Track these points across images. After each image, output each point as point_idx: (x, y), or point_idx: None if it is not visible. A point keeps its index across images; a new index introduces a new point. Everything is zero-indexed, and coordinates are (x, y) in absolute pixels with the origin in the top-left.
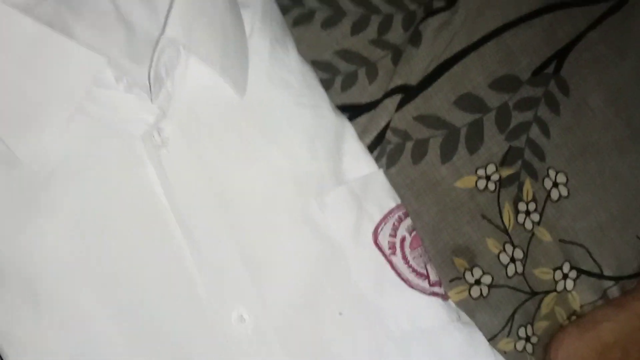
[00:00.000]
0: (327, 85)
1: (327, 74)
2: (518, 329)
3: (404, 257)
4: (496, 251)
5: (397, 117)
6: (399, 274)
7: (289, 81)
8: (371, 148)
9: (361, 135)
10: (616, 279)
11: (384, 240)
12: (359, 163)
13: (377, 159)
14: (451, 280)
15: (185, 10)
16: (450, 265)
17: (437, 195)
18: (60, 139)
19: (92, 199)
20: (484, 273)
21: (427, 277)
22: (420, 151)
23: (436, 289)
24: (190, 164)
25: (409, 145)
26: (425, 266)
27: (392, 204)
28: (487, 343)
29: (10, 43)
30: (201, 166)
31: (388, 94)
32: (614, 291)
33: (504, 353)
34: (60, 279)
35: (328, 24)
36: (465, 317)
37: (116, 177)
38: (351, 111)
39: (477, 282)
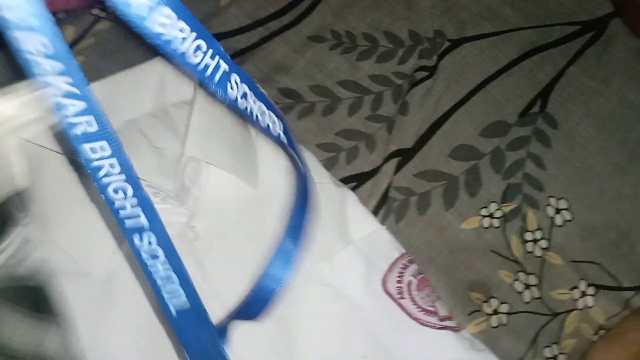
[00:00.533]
0: (333, 162)
1: (332, 153)
2: (543, 349)
3: (412, 299)
4: (509, 281)
5: (398, 177)
6: (409, 315)
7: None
8: (378, 207)
9: (368, 198)
10: (636, 288)
11: (392, 287)
12: (363, 224)
13: (386, 216)
14: (469, 314)
15: (199, 132)
16: (467, 300)
17: (446, 239)
18: (116, 250)
19: (143, 294)
20: (501, 303)
21: (436, 313)
22: (424, 203)
23: (446, 323)
24: (220, 250)
25: (413, 199)
26: (434, 304)
27: (396, 254)
28: None
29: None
30: (229, 250)
31: (386, 159)
32: (637, 300)
33: None
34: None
35: (327, 111)
36: (478, 344)
37: None
38: (358, 180)
39: (495, 312)
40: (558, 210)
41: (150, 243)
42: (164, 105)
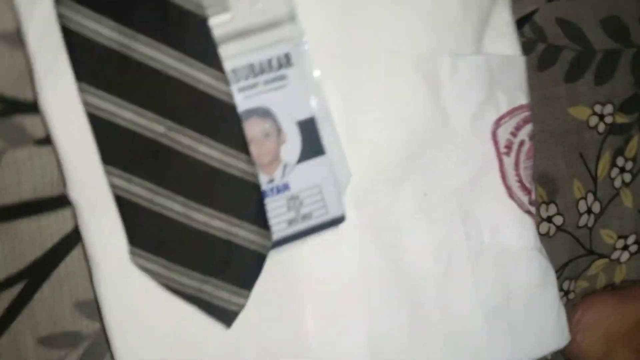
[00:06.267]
0: None
1: None
2: (564, 280)
3: (517, 163)
4: (578, 196)
5: (540, 9)
6: (503, 177)
7: None
8: None
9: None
10: None
11: (504, 135)
12: (503, 40)
13: None
14: None
15: None
16: None
17: (547, 113)
18: None
19: None
20: (557, 213)
21: (530, 193)
22: (549, 58)
23: (532, 209)
24: None
25: (541, 47)
26: (532, 182)
27: (523, 100)
28: (556, 285)
29: None
30: None
31: None
32: None
33: None
34: None
35: None
36: (544, 250)
37: None
38: None
39: (549, 219)
40: None
41: None
42: None
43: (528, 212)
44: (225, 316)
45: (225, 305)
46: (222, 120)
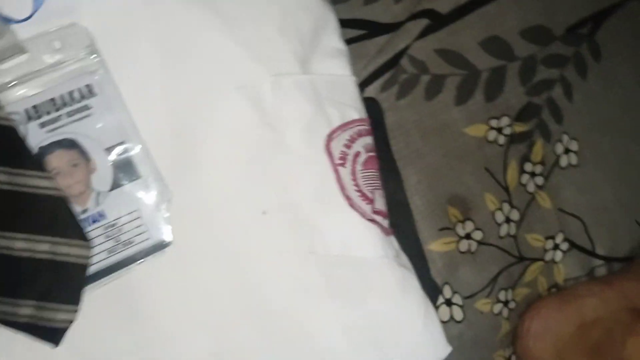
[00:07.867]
0: None
1: None
2: (499, 291)
3: (353, 173)
4: (492, 208)
5: (418, 45)
6: (342, 188)
7: None
8: (383, 70)
9: (375, 54)
10: (606, 259)
11: (337, 148)
12: (333, 61)
13: (387, 86)
14: (441, 229)
15: None
16: (443, 214)
17: (444, 138)
18: None
19: None
20: (475, 228)
21: (372, 202)
22: (435, 88)
23: (378, 218)
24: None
25: (425, 79)
26: (374, 191)
27: (356, 116)
28: (421, 293)
29: None
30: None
31: (414, 17)
32: (601, 271)
33: (480, 313)
34: None
35: None
36: (404, 259)
37: None
38: (370, 29)
39: (467, 236)
40: (567, 151)
41: None
42: None
43: (372, 220)
44: (54, 335)
45: (52, 325)
46: (5, 146)
